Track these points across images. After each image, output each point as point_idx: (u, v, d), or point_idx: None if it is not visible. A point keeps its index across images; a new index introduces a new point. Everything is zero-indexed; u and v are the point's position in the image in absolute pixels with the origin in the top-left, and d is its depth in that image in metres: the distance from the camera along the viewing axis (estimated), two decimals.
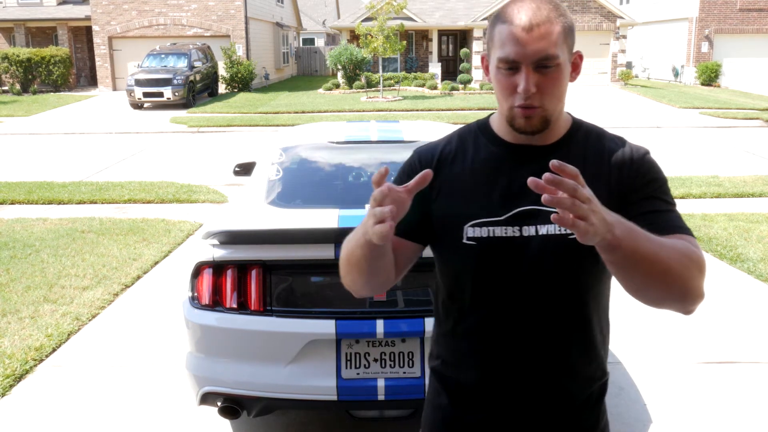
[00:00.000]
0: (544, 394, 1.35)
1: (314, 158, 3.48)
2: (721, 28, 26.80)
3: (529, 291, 1.31)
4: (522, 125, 1.27)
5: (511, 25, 1.22)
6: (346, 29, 26.22)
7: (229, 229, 2.68)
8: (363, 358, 2.61)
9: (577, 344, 1.35)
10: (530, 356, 1.34)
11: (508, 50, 1.22)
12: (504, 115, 1.30)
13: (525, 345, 1.33)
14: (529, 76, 1.22)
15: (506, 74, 1.25)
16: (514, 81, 1.23)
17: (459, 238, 1.31)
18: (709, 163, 10.26)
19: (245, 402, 2.67)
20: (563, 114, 1.35)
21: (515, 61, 1.22)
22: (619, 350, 3.91)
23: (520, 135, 1.31)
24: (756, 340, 4.06)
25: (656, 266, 1.12)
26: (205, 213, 7.21)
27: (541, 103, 1.24)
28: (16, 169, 10.17)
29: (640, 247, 1.10)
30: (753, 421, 3.20)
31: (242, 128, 14.98)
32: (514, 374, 1.34)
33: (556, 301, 1.32)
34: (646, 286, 1.16)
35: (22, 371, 3.67)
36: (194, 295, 2.69)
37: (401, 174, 1.40)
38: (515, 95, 1.24)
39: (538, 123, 1.26)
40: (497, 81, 1.27)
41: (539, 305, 1.31)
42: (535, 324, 1.32)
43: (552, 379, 1.35)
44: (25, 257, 5.60)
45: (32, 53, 23.79)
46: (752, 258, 5.47)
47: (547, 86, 1.23)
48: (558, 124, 1.33)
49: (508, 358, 1.34)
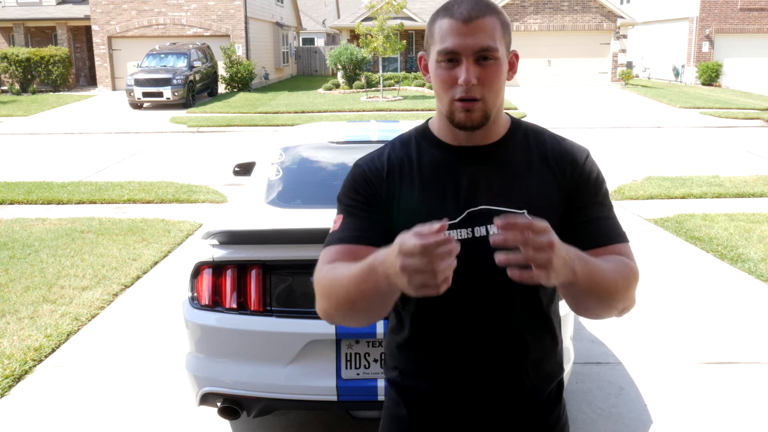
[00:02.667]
0: (506, 394, 1.35)
1: (314, 158, 3.47)
2: (722, 28, 26.80)
3: (485, 292, 1.30)
4: (462, 119, 1.26)
5: (451, 18, 1.23)
6: (346, 29, 26.21)
7: (228, 229, 2.67)
8: (363, 358, 2.61)
9: (536, 343, 1.36)
10: (489, 358, 1.33)
11: (448, 42, 1.23)
12: (443, 112, 1.29)
13: (483, 347, 1.32)
14: (469, 67, 1.22)
15: (446, 67, 1.25)
16: (455, 74, 1.24)
17: None
18: (710, 163, 10.25)
19: (245, 402, 2.66)
20: (502, 113, 1.35)
21: (456, 53, 1.22)
22: (619, 350, 3.90)
23: (460, 135, 1.31)
24: (757, 340, 4.05)
25: (605, 291, 1.21)
26: (204, 213, 7.20)
27: (481, 95, 1.24)
28: (15, 169, 10.15)
29: (594, 277, 1.17)
30: (754, 421, 3.19)
31: (242, 128, 14.97)
32: (474, 378, 1.34)
33: (511, 301, 1.32)
34: (594, 306, 1.24)
35: (21, 372, 3.66)
36: (194, 296, 2.68)
37: (349, 191, 1.36)
38: (455, 88, 1.24)
39: (479, 117, 1.26)
40: (437, 76, 1.26)
41: (496, 305, 1.31)
42: (493, 325, 1.32)
43: (513, 379, 1.34)
44: (24, 257, 5.59)
45: (31, 53, 23.77)
46: (753, 258, 5.46)
47: (486, 79, 1.23)
48: (498, 122, 1.33)
49: (467, 362, 1.33)
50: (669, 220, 6.68)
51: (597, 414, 3.24)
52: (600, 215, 1.32)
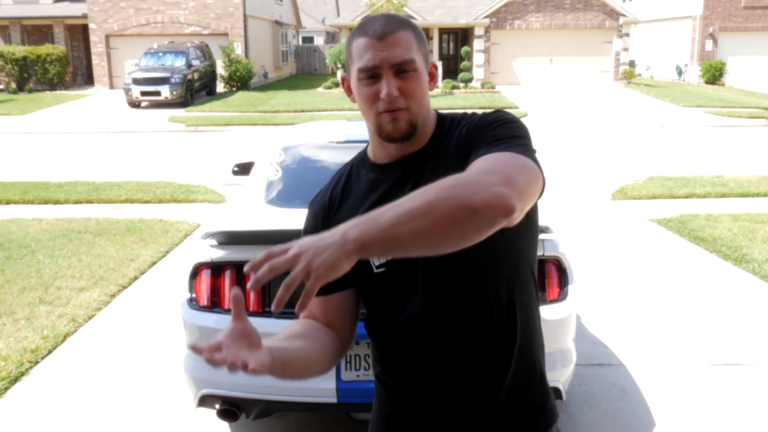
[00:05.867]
0: (483, 385, 1.32)
1: (314, 158, 3.45)
2: (726, 26, 26.77)
3: (445, 287, 1.28)
4: (390, 130, 1.28)
5: (366, 36, 1.26)
6: (345, 27, 26.18)
7: (227, 230, 2.66)
8: (363, 360, 2.59)
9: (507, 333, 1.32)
10: (461, 355, 1.31)
11: (366, 59, 1.25)
12: (372, 128, 1.31)
13: (453, 345, 1.31)
14: (390, 80, 1.25)
15: (367, 83, 1.27)
16: (377, 89, 1.26)
17: (370, 270, 1.32)
18: (714, 162, 10.22)
19: (244, 404, 2.64)
20: (429, 121, 1.34)
21: (375, 67, 1.25)
22: (621, 352, 3.87)
23: (392, 149, 1.32)
24: (761, 341, 4.02)
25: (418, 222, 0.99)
26: (203, 213, 7.16)
27: (406, 105, 1.26)
28: (11, 169, 10.12)
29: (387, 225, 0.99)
30: (759, 424, 3.16)
31: (241, 127, 14.94)
32: (450, 375, 1.32)
33: (475, 310, 1.29)
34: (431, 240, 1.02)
35: (17, 373, 3.63)
36: (192, 296, 2.67)
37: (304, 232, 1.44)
38: (379, 102, 1.26)
39: (405, 126, 1.27)
40: (360, 93, 1.29)
41: (457, 299, 1.29)
42: (460, 318, 1.30)
43: (489, 371, 1.32)
44: (20, 258, 5.55)
45: (28, 51, 23.73)
46: (757, 259, 5.42)
47: (408, 89, 1.26)
48: (425, 129, 1.34)
49: (441, 363, 1.32)
50: (672, 221, 6.64)
51: (600, 416, 3.21)
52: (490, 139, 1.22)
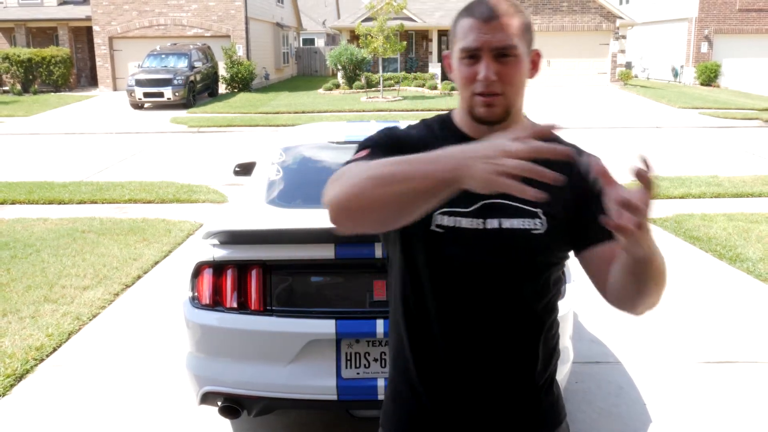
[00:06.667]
0: (508, 380, 1.37)
1: (314, 158, 3.48)
2: (721, 29, 26.79)
3: (487, 283, 1.32)
4: (482, 114, 1.29)
5: (472, 17, 1.27)
6: (346, 29, 26.21)
7: (229, 229, 2.68)
8: (363, 357, 2.61)
9: (537, 331, 1.38)
10: (492, 346, 1.35)
11: (469, 39, 1.26)
12: (465, 107, 1.32)
13: (482, 338, 1.35)
14: (489, 63, 1.25)
15: (467, 63, 1.28)
16: (475, 70, 1.27)
17: (427, 225, 1.30)
18: (709, 163, 10.26)
19: (245, 402, 2.67)
20: (522, 113, 1.37)
21: (476, 49, 1.26)
22: (618, 350, 3.91)
23: (481, 130, 1.32)
24: (755, 339, 4.06)
25: (661, 274, 1.17)
26: (205, 213, 7.21)
27: (502, 91, 1.27)
28: (16, 169, 10.17)
29: (659, 257, 1.14)
30: (753, 420, 3.20)
31: (242, 128, 14.98)
32: (474, 369, 1.36)
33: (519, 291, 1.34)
34: (651, 291, 1.20)
35: (22, 371, 3.67)
36: (194, 295, 2.69)
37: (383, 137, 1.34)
38: (476, 83, 1.27)
39: (499, 111, 1.28)
40: (459, 72, 1.30)
41: (502, 295, 1.33)
42: (492, 317, 1.34)
43: (516, 365, 1.37)
44: (25, 257, 5.60)
45: (33, 53, 23.78)
46: (752, 258, 5.47)
47: (506, 75, 1.26)
48: (517, 121, 1.34)
49: (467, 352, 1.35)
50: (668, 220, 6.69)
51: (597, 413, 3.25)
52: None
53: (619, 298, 1.26)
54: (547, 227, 1.31)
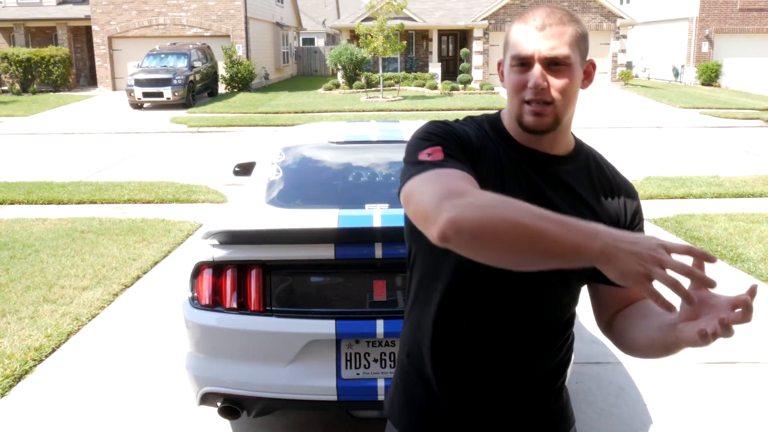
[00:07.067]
0: (522, 387, 1.38)
1: (314, 158, 3.48)
2: (722, 28, 26.79)
3: (517, 293, 1.32)
4: (530, 122, 1.27)
5: (525, 25, 1.27)
6: (346, 29, 26.22)
7: (228, 229, 2.67)
8: (363, 358, 2.61)
9: (559, 339, 1.41)
10: (512, 352, 1.36)
11: (520, 47, 1.26)
12: (513, 114, 1.30)
13: (507, 343, 1.35)
14: (540, 71, 1.24)
15: (518, 71, 1.27)
16: (525, 78, 1.26)
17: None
18: (710, 163, 10.25)
19: (245, 402, 2.66)
20: (570, 128, 1.35)
21: (527, 57, 1.25)
22: (619, 350, 3.90)
23: (528, 137, 1.31)
24: (756, 340, 4.05)
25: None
26: (204, 213, 7.20)
27: (552, 99, 1.25)
28: (15, 169, 10.16)
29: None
30: (753, 421, 3.20)
31: (242, 128, 14.98)
32: (493, 371, 1.36)
33: (551, 305, 1.36)
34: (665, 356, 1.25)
35: (21, 371, 3.67)
36: (194, 296, 2.68)
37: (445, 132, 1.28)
38: (525, 90, 1.26)
39: (549, 121, 1.26)
40: (509, 80, 1.29)
41: (525, 309, 1.34)
42: (520, 325, 1.35)
43: (532, 372, 1.38)
44: (24, 257, 5.59)
45: (32, 53, 23.78)
46: (752, 258, 5.47)
47: (557, 84, 1.25)
48: (566, 133, 1.34)
49: (490, 354, 1.35)
50: (669, 220, 6.68)
51: (597, 414, 3.25)
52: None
53: (625, 343, 1.30)
54: None
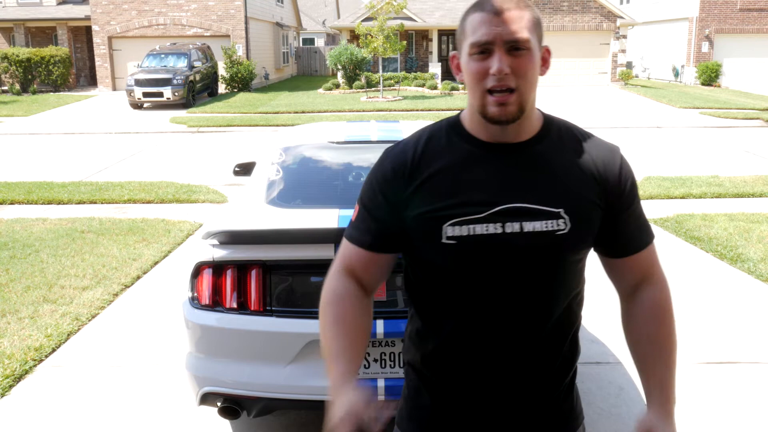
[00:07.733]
0: (527, 386, 1.35)
1: (314, 158, 3.48)
2: (722, 28, 26.80)
3: (512, 288, 1.29)
4: (495, 113, 1.24)
5: (481, 11, 1.24)
6: (346, 29, 26.21)
7: (228, 229, 2.67)
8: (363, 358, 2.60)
9: (559, 336, 1.37)
10: (513, 352, 1.33)
11: (479, 34, 1.23)
12: (476, 107, 1.28)
13: (508, 343, 1.32)
14: (501, 57, 1.21)
15: (478, 59, 1.24)
16: (487, 65, 1.23)
17: (438, 238, 1.28)
18: (710, 163, 10.25)
19: (245, 402, 2.66)
20: (535, 109, 1.33)
21: (487, 43, 1.22)
22: (618, 350, 3.91)
23: (493, 130, 1.29)
24: (756, 340, 4.06)
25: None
26: (205, 213, 7.20)
27: (515, 85, 1.22)
28: (15, 169, 10.16)
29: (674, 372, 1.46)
30: (753, 421, 3.20)
31: (242, 128, 14.98)
32: (497, 373, 1.34)
33: (539, 298, 1.31)
34: None
35: (21, 371, 3.67)
36: (194, 296, 2.68)
37: (374, 182, 1.36)
38: (487, 78, 1.23)
39: (513, 110, 1.24)
40: (468, 69, 1.25)
41: (522, 302, 1.30)
42: (519, 321, 1.31)
43: (536, 372, 1.35)
44: (24, 257, 5.59)
45: (32, 53, 23.77)
46: (752, 258, 5.47)
47: (520, 68, 1.22)
48: (531, 117, 1.31)
49: (491, 356, 1.33)
50: (669, 220, 6.68)
51: (597, 414, 3.25)
52: (633, 222, 1.37)
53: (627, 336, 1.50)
54: (571, 226, 1.28)
